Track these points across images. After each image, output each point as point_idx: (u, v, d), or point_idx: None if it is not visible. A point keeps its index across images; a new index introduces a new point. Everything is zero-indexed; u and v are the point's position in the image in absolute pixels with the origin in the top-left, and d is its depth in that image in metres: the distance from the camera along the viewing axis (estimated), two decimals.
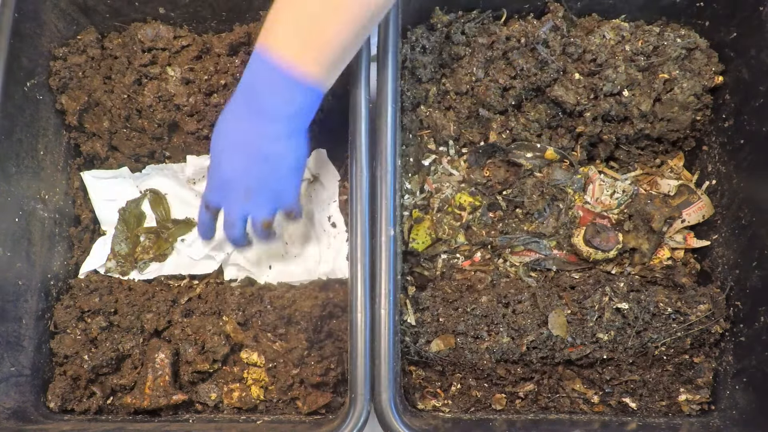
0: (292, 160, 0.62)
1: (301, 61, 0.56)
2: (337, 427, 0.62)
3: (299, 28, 0.56)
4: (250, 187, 0.63)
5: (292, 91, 0.58)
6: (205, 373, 0.73)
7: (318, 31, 0.55)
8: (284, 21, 0.56)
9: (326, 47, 0.56)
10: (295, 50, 0.56)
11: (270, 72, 0.57)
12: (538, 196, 0.79)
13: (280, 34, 0.56)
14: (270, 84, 0.58)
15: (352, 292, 0.64)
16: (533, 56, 0.76)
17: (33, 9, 0.72)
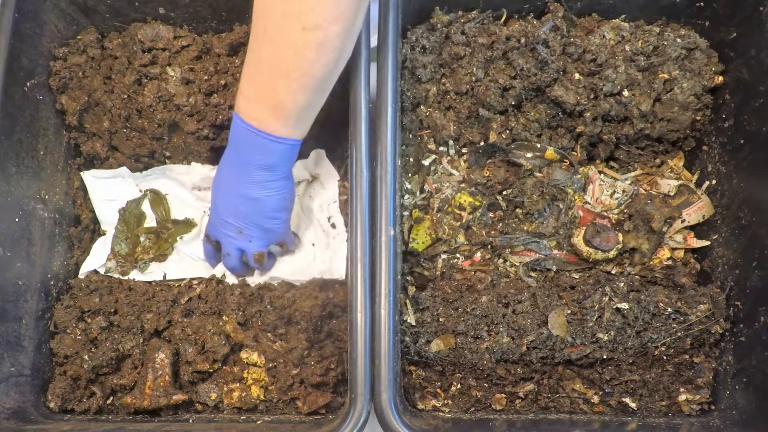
0: (276, 201, 0.69)
1: (268, 124, 0.63)
2: (337, 427, 0.62)
3: (259, 95, 0.62)
4: (241, 226, 0.71)
5: (266, 147, 0.64)
6: (205, 373, 0.73)
7: (275, 97, 0.61)
8: (247, 88, 0.63)
9: (287, 110, 0.62)
10: (260, 115, 0.63)
11: (245, 132, 0.64)
12: (538, 196, 0.79)
13: (246, 101, 0.63)
14: (247, 142, 0.65)
15: (352, 292, 0.64)
16: (533, 56, 0.76)
17: (33, 9, 0.72)
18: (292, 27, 0.56)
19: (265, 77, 0.61)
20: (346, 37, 0.60)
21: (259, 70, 0.61)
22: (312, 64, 0.59)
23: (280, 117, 0.63)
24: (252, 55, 0.61)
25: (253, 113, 0.63)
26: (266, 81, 0.61)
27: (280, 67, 0.59)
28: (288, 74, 0.59)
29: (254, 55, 0.61)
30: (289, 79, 0.60)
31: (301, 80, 0.60)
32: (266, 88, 0.61)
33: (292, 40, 0.57)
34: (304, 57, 0.58)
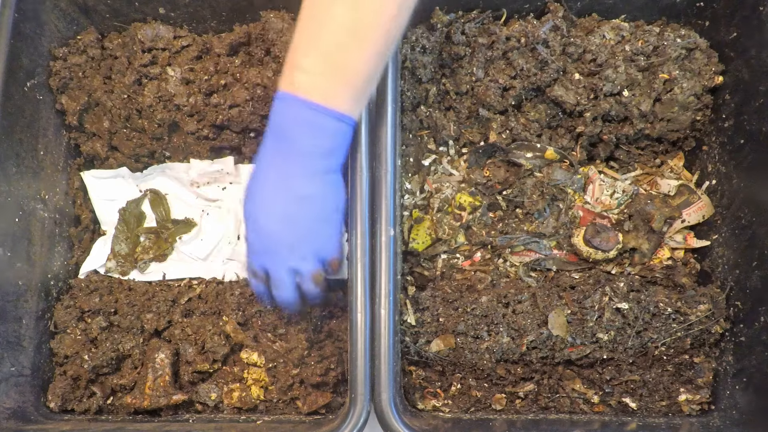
0: (332, 199, 0.60)
1: (332, 97, 0.55)
2: (337, 427, 0.62)
3: (326, 63, 0.54)
4: (294, 238, 0.60)
5: (326, 126, 0.56)
6: (205, 373, 0.73)
7: (345, 65, 0.54)
8: (308, 58, 0.55)
9: (354, 79, 0.55)
10: (328, 89, 0.55)
11: (301, 111, 0.55)
12: (538, 196, 0.79)
13: (306, 72, 0.55)
14: (303, 123, 0.56)
15: (352, 292, 0.64)
16: (533, 56, 0.76)
17: (33, 9, 0.72)
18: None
19: (337, 42, 0.53)
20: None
21: (327, 36, 0.53)
22: (392, 22, 0.53)
23: (351, 89, 0.55)
24: (313, 22, 0.54)
25: (317, 87, 0.54)
26: (338, 47, 0.53)
27: (356, 29, 0.52)
28: (365, 37, 0.53)
29: (317, 20, 0.53)
30: (367, 41, 0.53)
31: (378, 43, 0.53)
32: (337, 55, 0.53)
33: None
34: (386, 14, 0.52)
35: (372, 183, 0.67)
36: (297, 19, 0.56)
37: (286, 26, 0.76)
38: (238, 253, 0.80)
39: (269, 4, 0.78)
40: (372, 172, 0.67)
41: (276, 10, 0.78)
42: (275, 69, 0.77)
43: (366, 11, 0.52)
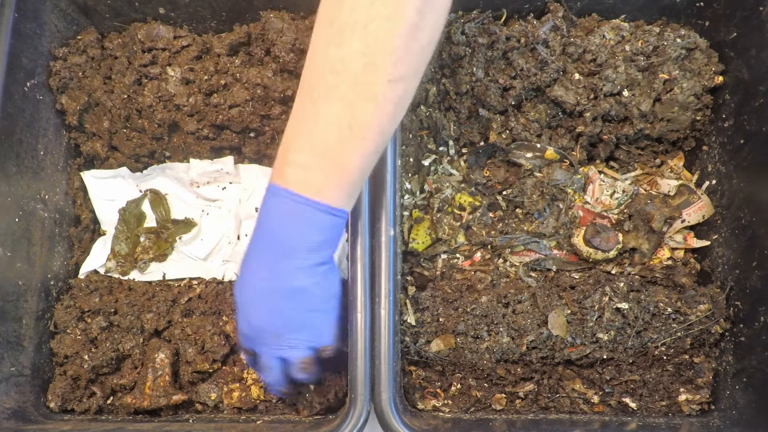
0: (324, 290, 0.59)
1: (325, 192, 0.54)
2: (336, 427, 0.62)
3: (320, 159, 0.53)
4: (283, 329, 0.59)
5: (319, 221, 0.55)
6: (205, 373, 0.73)
7: (340, 161, 0.53)
8: (302, 153, 0.54)
9: (348, 175, 0.54)
10: (318, 181, 0.54)
11: (293, 205, 0.54)
12: (538, 196, 0.79)
13: (299, 170, 0.54)
14: (294, 218, 0.55)
15: (352, 292, 0.64)
16: (533, 56, 0.76)
17: (33, 9, 0.72)
18: (375, 79, 0.50)
19: (331, 139, 0.52)
20: (412, 95, 0.54)
21: (322, 132, 0.52)
22: (389, 120, 0.53)
23: (345, 184, 0.54)
24: (307, 118, 0.53)
25: (312, 182, 0.54)
26: (333, 144, 0.52)
27: (353, 126, 0.52)
28: (363, 134, 0.52)
29: (312, 116, 0.53)
30: (364, 139, 0.53)
31: (375, 140, 0.53)
32: (332, 151, 0.53)
33: (373, 93, 0.51)
34: (383, 112, 0.52)
35: (372, 183, 0.67)
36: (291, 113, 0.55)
37: (286, 26, 0.76)
38: (237, 253, 0.80)
39: (269, 4, 0.78)
40: (372, 172, 0.67)
41: (276, 10, 0.78)
42: (275, 69, 0.77)
43: (362, 110, 0.51)
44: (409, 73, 0.52)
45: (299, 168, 0.54)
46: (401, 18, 0.49)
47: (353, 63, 0.50)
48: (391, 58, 0.50)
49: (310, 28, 0.78)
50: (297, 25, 0.77)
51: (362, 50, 0.50)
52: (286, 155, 0.55)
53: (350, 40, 0.50)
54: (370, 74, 0.50)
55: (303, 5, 0.78)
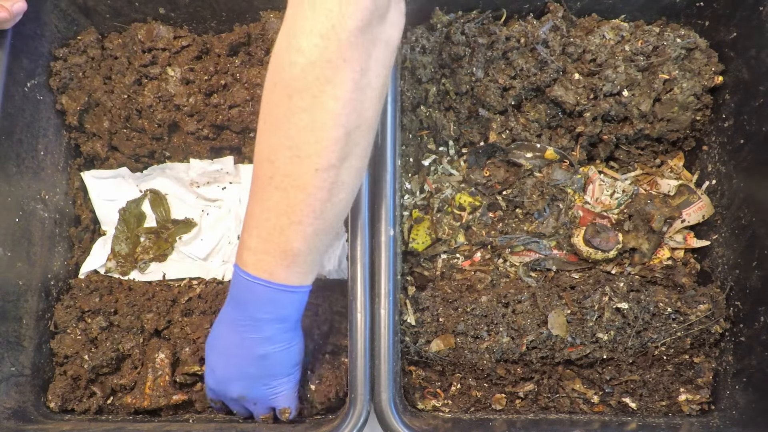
0: (286, 355, 0.63)
1: (276, 273, 0.58)
2: (337, 427, 0.62)
3: (266, 245, 0.57)
4: (244, 391, 0.64)
5: (275, 299, 0.59)
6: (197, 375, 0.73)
7: (284, 244, 0.56)
8: (252, 238, 0.57)
9: (295, 257, 0.57)
10: (269, 266, 0.57)
11: (251, 286, 0.58)
12: (538, 196, 0.79)
13: (250, 253, 0.58)
14: (254, 296, 0.59)
15: (352, 292, 0.64)
16: (533, 56, 0.76)
17: (33, 9, 0.72)
18: (302, 169, 0.53)
19: (273, 225, 0.56)
20: (357, 173, 0.56)
21: (265, 219, 0.56)
22: (325, 205, 0.55)
23: (292, 264, 0.58)
24: (255, 205, 0.57)
25: (261, 265, 0.58)
26: (274, 229, 0.56)
27: (290, 213, 0.55)
28: (300, 220, 0.55)
29: (258, 204, 0.56)
30: (302, 224, 0.55)
31: (314, 224, 0.56)
32: (275, 236, 0.56)
33: (303, 182, 0.53)
34: (317, 199, 0.54)
35: (372, 183, 0.67)
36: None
37: None
38: None
39: (269, 4, 0.78)
40: (372, 172, 0.67)
41: (276, 10, 0.78)
42: None
43: (295, 198, 0.54)
44: (340, 158, 0.53)
45: (251, 251, 0.58)
46: (319, 110, 0.51)
47: (281, 155, 0.53)
48: (314, 149, 0.52)
49: None
50: None
51: (287, 144, 0.52)
52: (243, 238, 0.59)
53: (277, 134, 0.53)
54: (297, 165, 0.52)
55: None
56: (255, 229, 0.57)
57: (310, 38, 0.49)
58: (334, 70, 0.50)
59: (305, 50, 0.49)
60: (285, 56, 0.51)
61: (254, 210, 0.57)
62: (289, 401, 0.66)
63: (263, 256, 0.57)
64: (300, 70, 0.50)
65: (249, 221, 0.58)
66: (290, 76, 0.50)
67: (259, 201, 0.56)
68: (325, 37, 0.49)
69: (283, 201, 0.55)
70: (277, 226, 0.56)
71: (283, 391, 0.65)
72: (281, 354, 0.62)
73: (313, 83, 0.50)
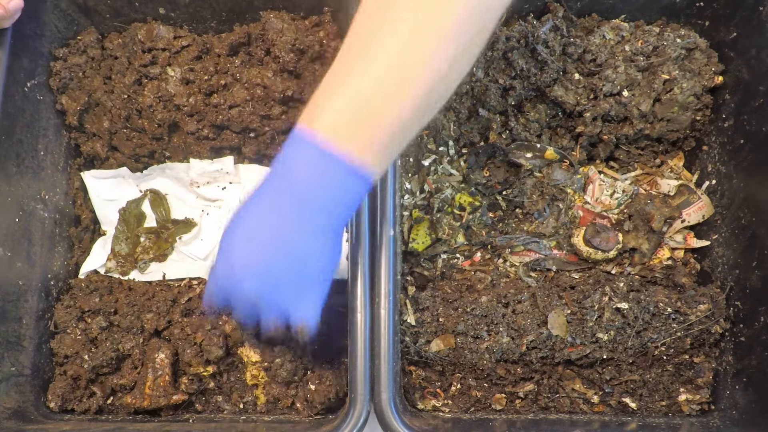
0: (326, 258, 0.53)
1: (355, 147, 0.48)
2: (336, 427, 0.62)
3: (357, 108, 0.48)
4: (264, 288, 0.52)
5: (341, 180, 0.49)
6: (204, 376, 0.73)
7: (378, 115, 0.48)
8: (339, 99, 0.48)
9: (384, 132, 0.48)
10: (351, 133, 0.48)
11: (317, 156, 0.48)
12: (538, 196, 0.79)
13: (333, 113, 0.48)
14: (315, 171, 0.49)
15: (352, 292, 0.64)
16: (533, 56, 0.76)
17: (33, 9, 0.72)
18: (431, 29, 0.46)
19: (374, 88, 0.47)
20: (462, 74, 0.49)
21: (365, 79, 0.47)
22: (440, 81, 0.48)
23: (378, 144, 0.49)
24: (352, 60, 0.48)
25: (343, 133, 0.48)
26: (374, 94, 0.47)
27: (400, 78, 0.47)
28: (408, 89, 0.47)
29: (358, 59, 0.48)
30: (408, 95, 0.47)
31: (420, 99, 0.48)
32: (372, 102, 0.47)
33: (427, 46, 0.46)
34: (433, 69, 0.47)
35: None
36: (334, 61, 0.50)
37: (286, 26, 0.77)
38: None
39: (269, 4, 0.78)
40: None
41: (276, 10, 0.78)
42: (275, 69, 0.77)
43: (413, 61, 0.46)
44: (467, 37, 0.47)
45: (333, 114, 0.48)
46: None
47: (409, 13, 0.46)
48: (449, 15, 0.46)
49: (310, 28, 0.78)
50: (297, 25, 0.77)
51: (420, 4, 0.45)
52: (322, 97, 0.49)
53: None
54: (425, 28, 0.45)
55: (303, 5, 0.78)
56: (346, 88, 0.47)
57: None
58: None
59: None
60: None
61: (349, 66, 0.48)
62: (311, 315, 0.55)
63: (347, 122, 0.48)
64: None
65: (338, 78, 0.48)
66: None
67: (359, 57, 0.47)
68: None
69: (395, 61, 0.46)
70: (381, 91, 0.47)
71: (310, 300, 0.54)
72: (325, 253, 0.52)
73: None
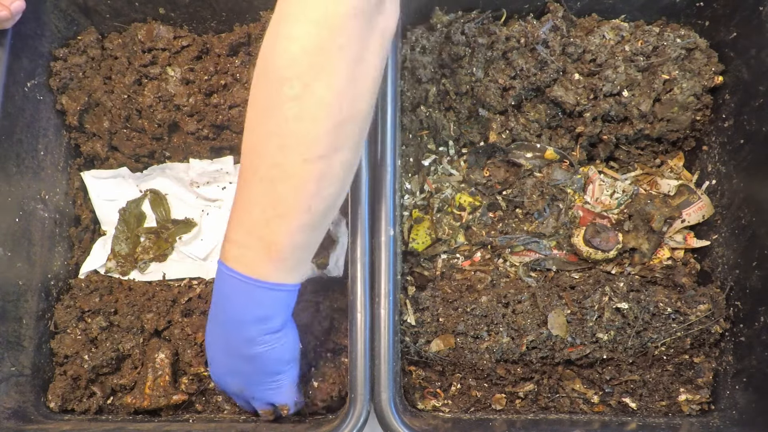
0: (274, 355, 0.60)
1: (261, 270, 0.55)
2: (336, 427, 0.62)
3: (249, 238, 0.55)
4: (241, 387, 0.63)
5: (260, 297, 0.56)
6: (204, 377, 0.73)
7: (269, 239, 0.54)
8: (237, 232, 0.56)
9: (281, 252, 0.55)
10: (252, 260, 0.55)
11: (232, 282, 0.56)
12: (538, 196, 0.79)
13: (234, 247, 0.56)
14: (236, 294, 0.57)
15: (352, 292, 0.64)
16: (533, 56, 0.76)
17: (33, 9, 0.72)
18: (290, 159, 0.50)
19: (257, 218, 0.53)
20: (349, 167, 0.54)
21: (248, 212, 0.54)
22: (313, 198, 0.52)
23: (275, 260, 0.55)
24: (241, 199, 0.55)
25: (243, 259, 0.55)
26: (258, 222, 0.53)
27: (275, 206, 0.52)
28: (286, 213, 0.53)
29: (243, 197, 0.54)
30: (287, 218, 0.53)
31: (300, 218, 0.53)
32: (258, 229, 0.54)
33: (290, 173, 0.51)
34: (304, 191, 0.52)
35: (372, 183, 0.67)
36: None
37: None
38: None
39: (269, 4, 0.78)
40: (372, 172, 0.67)
41: None
42: None
43: (284, 190, 0.52)
44: (330, 149, 0.51)
45: (234, 245, 0.56)
46: (310, 99, 0.49)
47: (269, 145, 0.51)
48: (303, 139, 0.50)
49: None
50: None
51: (275, 132, 0.50)
52: (228, 233, 0.57)
53: (265, 123, 0.51)
54: (285, 155, 0.50)
55: None
56: (239, 222, 0.55)
57: (302, 25, 0.48)
58: (327, 58, 0.48)
59: (297, 37, 0.48)
60: (276, 44, 0.49)
61: (239, 202, 0.55)
62: (287, 397, 0.64)
63: (246, 250, 0.55)
64: (291, 58, 0.48)
65: (233, 214, 0.56)
66: (281, 64, 0.49)
67: (245, 193, 0.54)
68: (318, 23, 0.47)
69: (270, 193, 0.52)
70: (262, 219, 0.53)
71: (280, 387, 0.63)
72: (270, 353, 0.60)
73: (305, 71, 0.48)
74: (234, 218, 0.56)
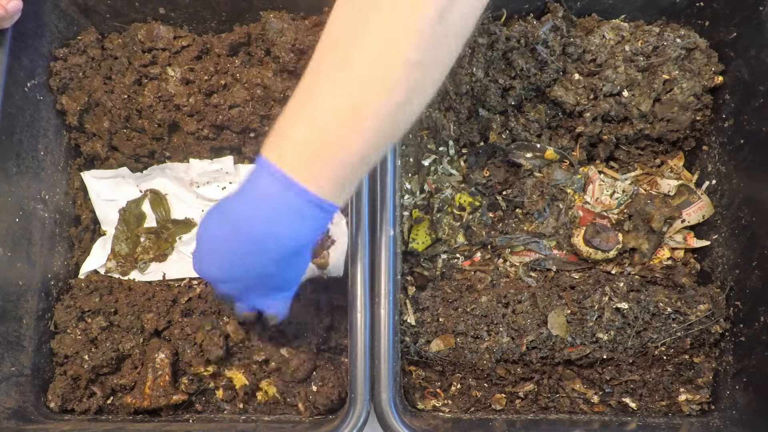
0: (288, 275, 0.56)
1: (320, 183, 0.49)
2: (336, 427, 0.62)
3: (318, 142, 0.48)
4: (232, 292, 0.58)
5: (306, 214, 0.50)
6: (203, 376, 0.73)
7: (337, 144, 0.48)
8: (299, 128, 0.49)
9: (343, 162, 0.49)
10: (309, 162, 0.49)
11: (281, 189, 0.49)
12: (538, 196, 0.79)
13: (295, 146, 0.49)
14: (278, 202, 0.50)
15: (352, 292, 0.64)
16: (533, 56, 0.76)
17: (33, 9, 0.72)
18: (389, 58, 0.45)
19: (333, 119, 0.47)
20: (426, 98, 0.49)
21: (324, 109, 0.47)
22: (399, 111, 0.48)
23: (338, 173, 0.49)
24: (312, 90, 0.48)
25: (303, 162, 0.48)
26: (333, 123, 0.47)
27: (358, 108, 0.46)
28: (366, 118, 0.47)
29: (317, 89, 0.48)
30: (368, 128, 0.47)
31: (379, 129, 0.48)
32: (332, 133, 0.47)
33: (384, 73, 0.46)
34: (392, 99, 0.47)
35: (372, 183, 0.67)
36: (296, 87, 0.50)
37: (286, 26, 0.76)
38: None
39: (269, 4, 0.78)
40: (372, 172, 0.67)
41: (276, 11, 0.78)
42: (275, 69, 0.77)
43: (371, 91, 0.46)
44: (428, 59, 0.47)
45: (295, 144, 0.49)
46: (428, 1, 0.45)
47: (371, 39, 0.45)
48: (413, 38, 0.45)
49: (311, 28, 0.78)
50: (297, 25, 0.77)
51: (383, 27, 0.45)
52: (283, 127, 0.50)
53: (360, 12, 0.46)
54: (383, 49, 0.45)
55: (303, 5, 0.78)
56: (305, 118, 0.47)
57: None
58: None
59: None
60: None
61: (309, 96, 0.48)
62: (279, 309, 0.59)
63: (307, 151, 0.48)
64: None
65: (298, 108, 0.48)
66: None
67: (319, 87, 0.47)
68: None
69: (354, 90, 0.46)
70: (339, 122, 0.47)
71: (276, 302, 0.59)
72: (287, 273, 0.55)
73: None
74: (298, 111, 0.48)
